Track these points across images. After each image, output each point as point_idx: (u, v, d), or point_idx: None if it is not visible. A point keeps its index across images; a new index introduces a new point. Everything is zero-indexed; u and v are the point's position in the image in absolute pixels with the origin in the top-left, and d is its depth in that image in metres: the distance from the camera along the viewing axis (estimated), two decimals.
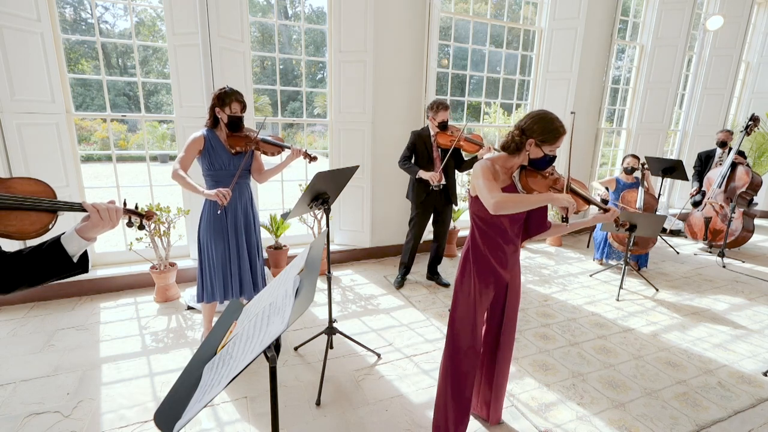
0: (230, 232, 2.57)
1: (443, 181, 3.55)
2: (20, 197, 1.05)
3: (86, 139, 16.82)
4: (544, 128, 1.62)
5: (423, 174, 3.46)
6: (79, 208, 1.13)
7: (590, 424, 2.17)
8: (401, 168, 3.62)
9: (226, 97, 2.45)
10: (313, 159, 2.66)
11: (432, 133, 3.54)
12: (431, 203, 3.68)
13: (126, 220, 1.39)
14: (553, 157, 1.69)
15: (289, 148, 2.61)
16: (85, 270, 1.16)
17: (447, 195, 3.68)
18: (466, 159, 3.64)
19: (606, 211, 1.77)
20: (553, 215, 4.68)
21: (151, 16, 20.71)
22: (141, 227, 1.44)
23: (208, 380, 1.02)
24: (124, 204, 1.28)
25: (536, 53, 5.32)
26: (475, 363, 1.91)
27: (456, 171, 3.70)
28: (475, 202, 1.77)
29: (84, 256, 1.15)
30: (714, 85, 6.33)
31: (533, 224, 1.86)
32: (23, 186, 1.09)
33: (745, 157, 5.06)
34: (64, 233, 1.11)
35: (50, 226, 1.09)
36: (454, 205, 3.84)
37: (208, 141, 2.48)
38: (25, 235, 1.04)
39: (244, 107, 2.52)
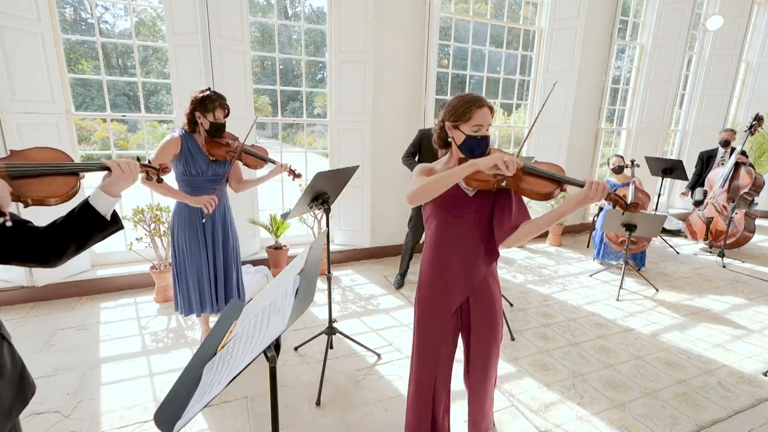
0: (208, 241, 2.46)
1: None
2: (44, 164, 1.11)
3: (86, 139, 16.82)
4: (452, 107, 1.48)
5: None
6: (99, 167, 1.18)
7: (590, 424, 2.17)
8: (405, 164, 3.59)
9: (210, 103, 2.26)
10: (297, 176, 2.54)
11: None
12: None
13: (144, 175, 1.46)
14: (482, 138, 1.46)
15: (273, 162, 2.48)
16: (121, 226, 1.20)
17: None
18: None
19: (582, 186, 1.39)
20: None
21: (151, 16, 20.73)
22: (159, 180, 1.50)
23: (208, 380, 1.02)
24: (138, 159, 1.33)
25: (536, 53, 5.32)
26: (429, 378, 1.71)
27: None
28: (423, 209, 1.63)
29: (115, 214, 1.19)
30: (714, 85, 6.33)
31: (503, 222, 1.52)
32: (40, 154, 1.14)
33: (747, 157, 5.06)
34: (89, 196, 1.15)
35: (77, 188, 1.14)
36: None
37: (185, 144, 2.32)
38: (55, 199, 1.09)
39: (228, 113, 2.36)
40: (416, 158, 3.60)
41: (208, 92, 2.29)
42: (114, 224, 1.17)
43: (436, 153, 3.53)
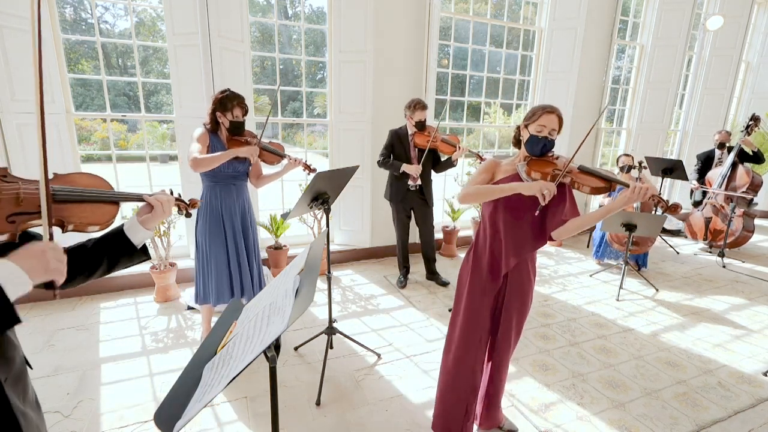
0: (228, 234, 2.55)
1: (419, 182, 3.62)
2: (91, 190, 1.08)
3: (86, 139, 16.82)
4: (529, 110, 1.76)
5: (407, 168, 3.47)
6: (138, 199, 1.19)
7: (590, 424, 2.17)
8: (381, 166, 3.62)
9: (228, 102, 2.41)
10: (312, 171, 2.61)
11: (410, 132, 3.56)
12: (408, 203, 3.74)
13: (176, 209, 1.43)
14: (544, 138, 1.68)
15: (288, 158, 2.59)
16: (149, 256, 1.21)
17: (423, 195, 3.71)
18: (442, 160, 3.65)
19: (627, 187, 1.59)
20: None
21: (151, 16, 20.72)
22: (188, 215, 1.49)
23: (208, 380, 1.02)
24: (171, 193, 1.33)
25: (536, 53, 5.32)
26: (474, 366, 1.86)
27: (432, 172, 3.73)
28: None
29: (144, 245, 1.20)
30: (714, 85, 6.33)
31: (555, 216, 1.68)
32: (84, 180, 1.12)
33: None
34: (123, 225, 1.15)
35: (115, 218, 1.12)
36: (444, 206, 3.87)
37: (211, 140, 2.47)
38: (95, 227, 1.07)
39: (246, 111, 2.49)
40: (391, 158, 3.60)
41: (227, 92, 2.44)
42: (143, 254, 1.18)
43: (407, 150, 3.56)
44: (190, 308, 3.30)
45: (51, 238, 0.91)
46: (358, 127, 4.21)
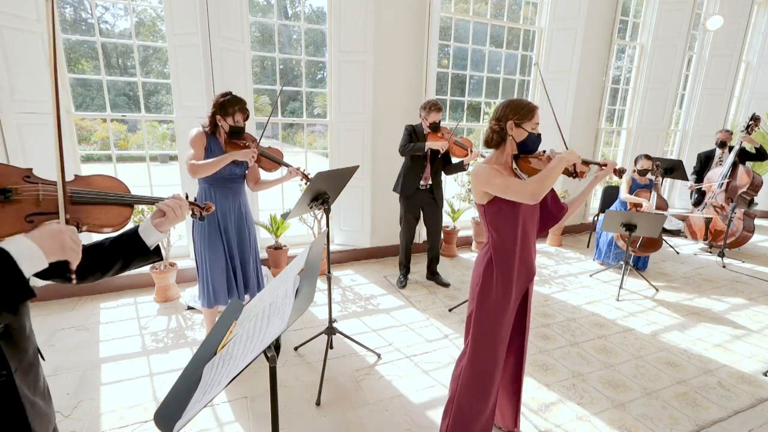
0: (223, 236, 2.52)
1: (430, 181, 3.65)
2: (106, 192, 1.11)
3: (86, 139, 16.82)
4: (516, 108, 1.68)
5: (432, 144, 3.41)
6: (153, 203, 1.22)
7: (590, 424, 2.17)
8: (405, 153, 3.55)
9: (229, 107, 2.35)
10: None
11: (424, 132, 3.56)
12: (418, 202, 3.73)
13: (190, 212, 1.43)
14: (538, 135, 1.71)
15: (287, 166, 2.55)
16: (161, 257, 1.23)
17: (433, 195, 3.71)
18: (454, 162, 3.66)
19: (604, 166, 1.81)
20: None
21: (151, 16, 20.72)
22: (202, 218, 1.50)
23: (208, 380, 1.02)
24: (186, 197, 1.34)
25: (536, 53, 5.32)
26: (498, 374, 1.84)
27: (443, 173, 3.74)
28: (488, 209, 1.71)
29: (157, 246, 1.22)
30: (714, 85, 6.33)
31: (553, 210, 1.80)
32: (102, 182, 1.16)
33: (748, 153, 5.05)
34: (138, 226, 1.18)
35: (129, 220, 1.15)
36: (444, 206, 3.89)
37: (208, 142, 2.43)
38: (109, 228, 1.10)
39: (247, 116, 2.44)
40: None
41: (228, 96, 2.38)
42: (156, 255, 1.20)
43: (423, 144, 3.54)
44: (190, 308, 3.30)
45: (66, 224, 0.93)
46: (358, 127, 4.21)
